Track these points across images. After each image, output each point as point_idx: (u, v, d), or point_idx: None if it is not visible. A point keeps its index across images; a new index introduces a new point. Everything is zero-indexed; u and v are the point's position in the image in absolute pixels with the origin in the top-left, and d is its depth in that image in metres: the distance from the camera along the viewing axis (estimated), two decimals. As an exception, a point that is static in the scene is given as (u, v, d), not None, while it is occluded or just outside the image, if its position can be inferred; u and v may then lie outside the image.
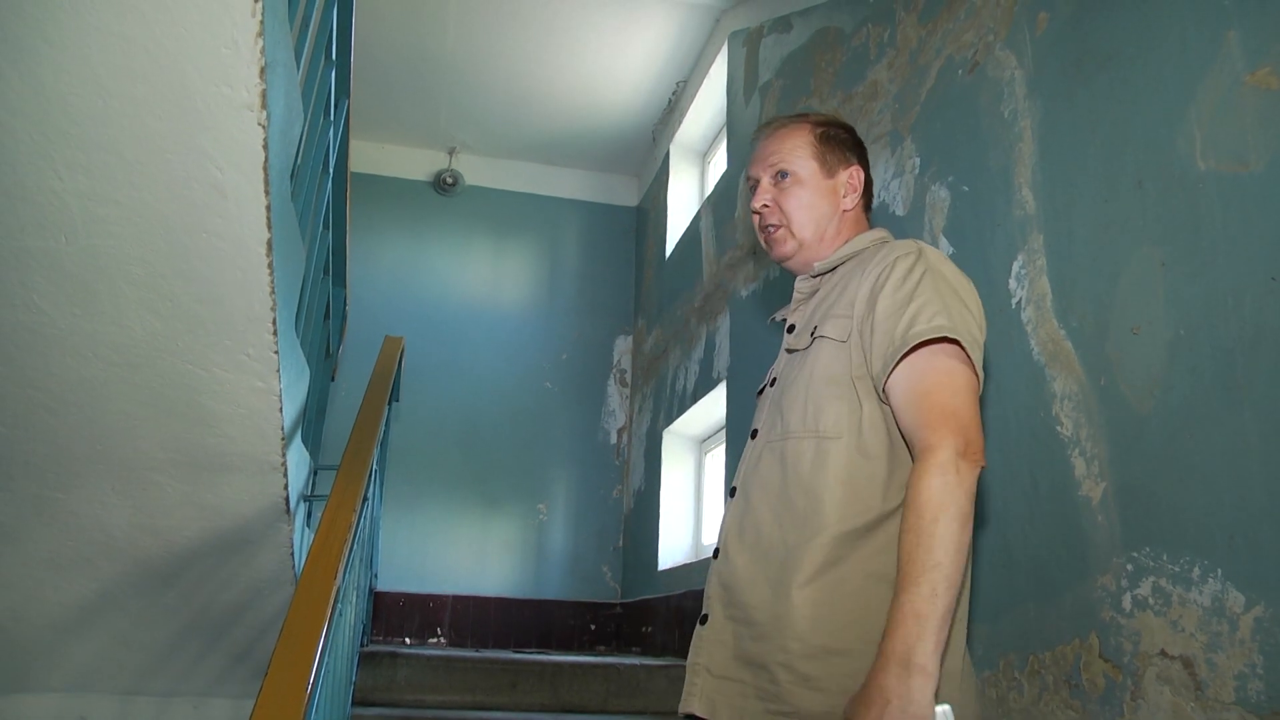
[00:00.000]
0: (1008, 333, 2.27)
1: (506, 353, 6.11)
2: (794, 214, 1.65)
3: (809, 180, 1.66)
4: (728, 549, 1.54)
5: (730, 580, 1.50)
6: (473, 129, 6.18)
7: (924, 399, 1.37)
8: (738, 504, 1.57)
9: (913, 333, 1.39)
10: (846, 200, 1.68)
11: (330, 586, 1.83)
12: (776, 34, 4.30)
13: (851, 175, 1.69)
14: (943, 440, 1.31)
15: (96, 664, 3.41)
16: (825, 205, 1.66)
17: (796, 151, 1.68)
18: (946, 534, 1.26)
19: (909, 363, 1.40)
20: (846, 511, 1.41)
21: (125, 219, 1.90)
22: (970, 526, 1.30)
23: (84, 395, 2.30)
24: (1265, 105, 1.65)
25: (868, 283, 1.50)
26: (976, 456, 1.33)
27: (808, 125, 1.71)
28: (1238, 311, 1.65)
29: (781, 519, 1.46)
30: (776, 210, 1.67)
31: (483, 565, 5.70)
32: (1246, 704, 1.55)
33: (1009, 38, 2.42)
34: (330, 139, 2.93)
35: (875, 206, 3.01)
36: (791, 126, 1.71)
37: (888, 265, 1.49)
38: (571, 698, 3.37)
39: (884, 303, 1.45)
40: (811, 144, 1.69)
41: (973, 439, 1.33)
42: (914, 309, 1.41)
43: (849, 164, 1.70)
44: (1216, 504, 1.65)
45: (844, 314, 1.51)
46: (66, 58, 1.62)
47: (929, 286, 1.44)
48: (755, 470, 1.56)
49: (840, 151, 1.70)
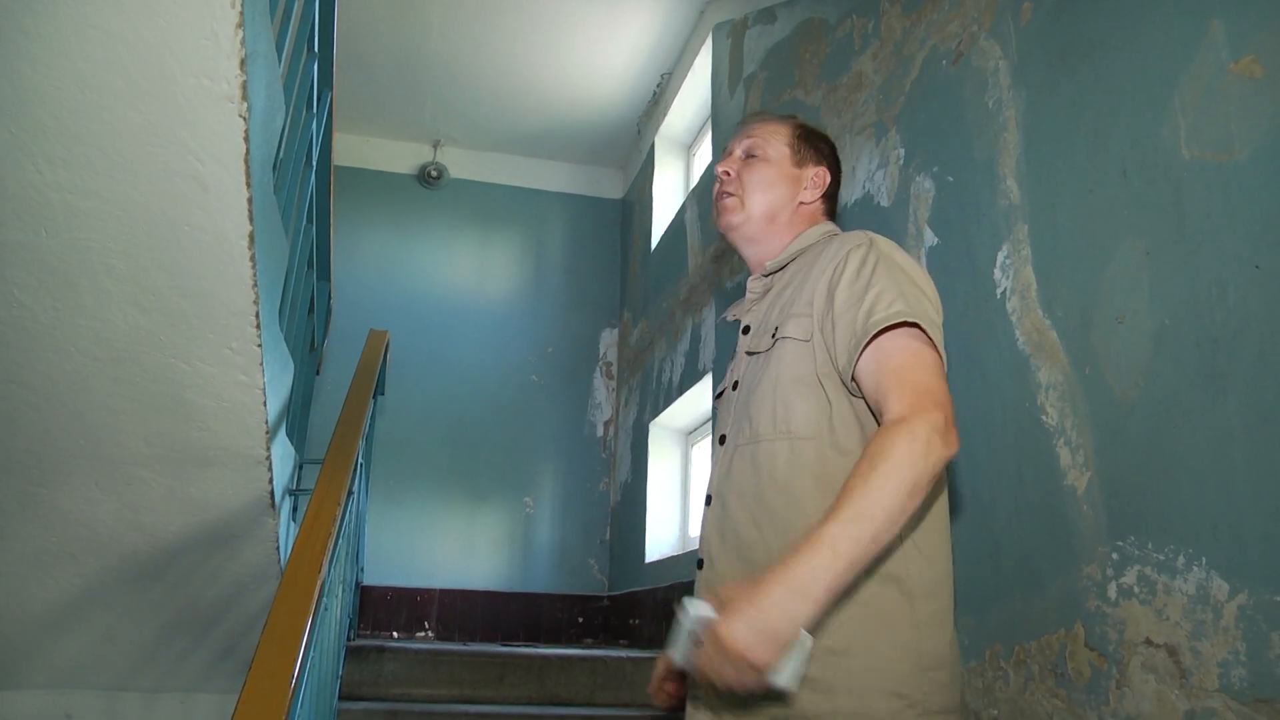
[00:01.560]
0: (992, 323, 2.27)
1: (492, 346, 6.10)
2: (750, 187, 1.69)
3: (776, 162, 1.70)
4: (713, 558, 1.53)
5: (722, 593, 1.48)
6: (457, 122, 6.16)
7: (895, 375, 1.36)
8: (715, 512, 1.56)
9: (872, 321, 1.40)
10: (806, 194, 1.70)
11: (315, 580, 1.82)
12: (761, 26, 4.29)
13: (818, 174, 1.72)
14: (917, 413, 1.30)
15: (82, 660, 3.39)
16: (784, 189, 1.69)
17: (772, 137, 1.72)
18: (891, 495, 1.24)
19: (873, 348, 1.40)
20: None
21: (106, 212, 1.89)
22: (916, 502, 1.27)
23: (66, 390, 2.28)
24: (1249, 94, 1.66)
25: (824, 278, 1.50)
26: (950, 438, 1.31)
27: (791, 123, 1.76)
28: (1222, 301, 1.66)
29: (760, 523, 1.46)
30: (737, 181, 1.70)
31: (470, 559, 5.70)
32: (1230, 691, 1.55)
33: (993, 28, 2.42)
34: (313, 131, 2.92)
35: (860, 199, 3.01)
36: (777, 120, 1.76)
37: (840, 259, 1.50)
38: (559, 690, 3.37)
39: (841, 295, 1.46)
40: (789, 135, 1.73)
41: (949, 416, 1.32)
42: (871, 298, 1.42)
43: (819, 163, 1.73)
44: (1201, 493, 1.66)
45: (804, 312, 1.51)
46: (44, 50, 1.61)
47: (883, 274, 1.45)
48: (729, 476, 1.55)
49: (814, 152, 1.74)
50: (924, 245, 2.61)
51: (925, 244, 2.61)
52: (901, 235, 2.72)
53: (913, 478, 1.26)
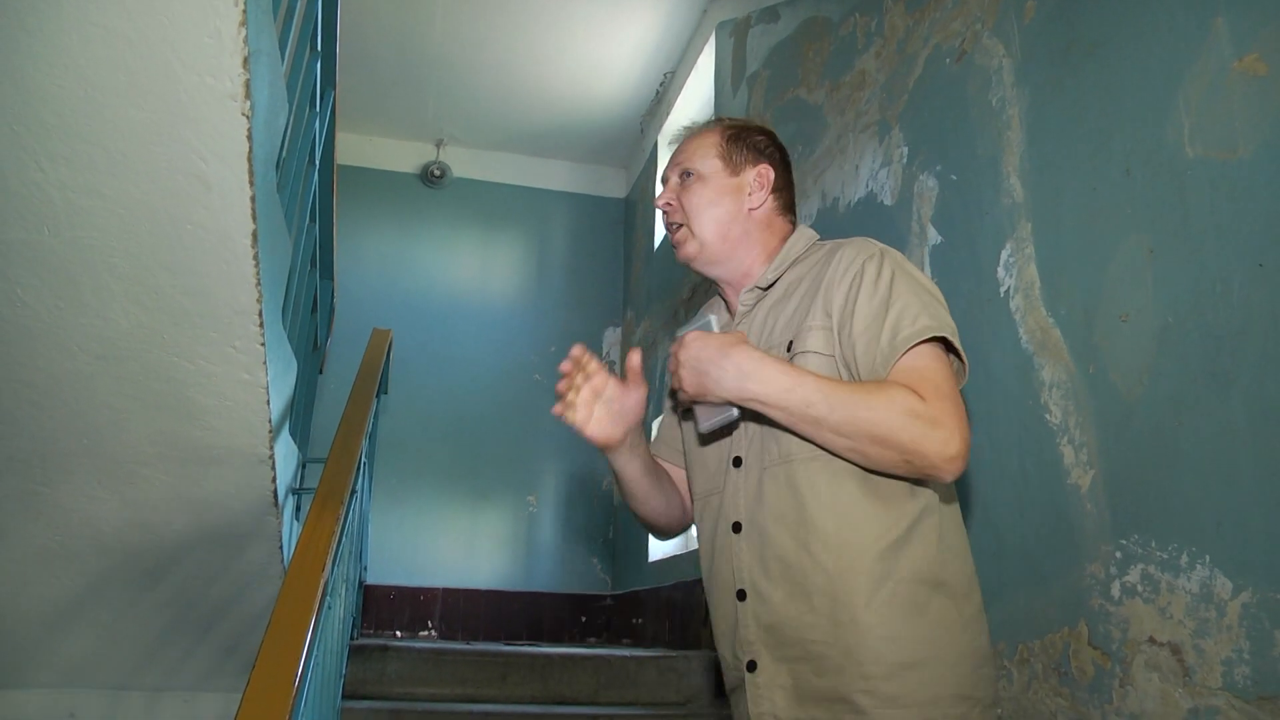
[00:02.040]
0: (996, 321, 2.27)
1: (495, 345, 6.10)
2: (693, 212, 1.61)
3: (710, 177, 1.62)
4: (758, 589, 1.47)
5: (774, 621, 1.44)
6: (460, 121, 6.16)
7: (937, 390, 1.36)
8: (750, 538, 1.49)
9: (900, 339, 1.38)
10: (752, 199, 1.62)
11: (318, 579, 1.82)
12: (764, 24, 4.29)
13: (759, 174, 1.64)
14: (955, 431, 1.32)
15: (86, 659, 3.39)
16: (728, 203, 1.61)
17: (700, 151, 1.65)
18: (864, 420, 1.33)
19: (902, 367, 1.39)
20: (882, 524, 1.40)
21: (109, 211, 1.89)
22: (866, 448, 1.34)
23: (69, 389, 2.28)
24: (1253, 91, 1.65)
25: (839, 290, 1.47)
26: (955, 467, 1.34)
27: (718, 128, 1.68)
28: (1226, 298, 1.65)
29: (810, 547, 1.42)
30: (679, 209, 1.63)
31: (473, 558, 5.70)
32: (1234, 689, 1.55)
33: (996, 26, 2.42)
34: (316, 130, 2.92)
35: (863, 197, 3.01)
36: (704, 130, 1.69)
37: (856, 271, 1.47)
38: (562, 689, 3.36)
39: (862, 310, 1.43)
40: (717, 144, 1.65)
41: (965, 451, 1.34)
42: (895, 314, 1.40)
43: (756, 162, 1.65)
44: (1205, 491, 1.66)
45: (821, 325, 1.48)
46: (47, 48, 1.61)
47: (903, 287, 1.43)
48: (760, 500, 1.48)
49: (748, 151, 1.65)
50: (927, 244, 2.61)
51: (929, 242, 2.60)
52: (905, 234, 2.72)
53: (890, 434, 1.31)
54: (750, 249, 1.63)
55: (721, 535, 1.55)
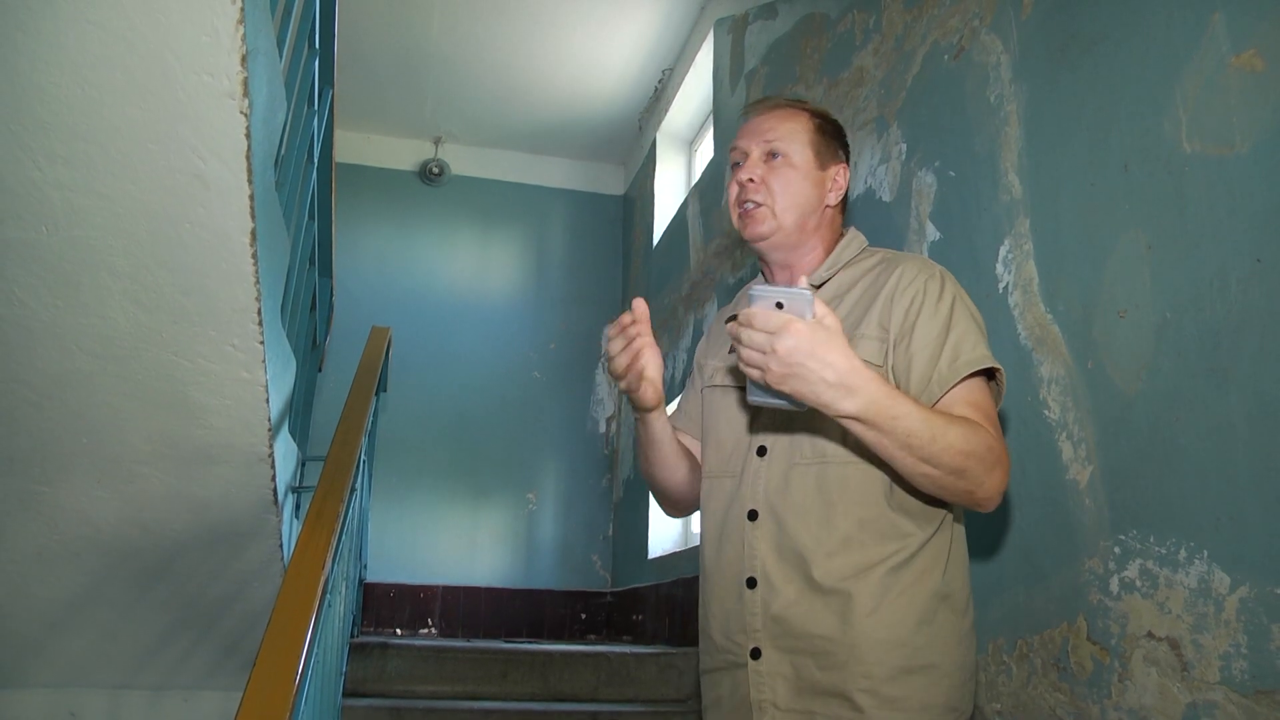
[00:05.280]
0: (995, 317, 2.27)
1: (494, 343, 6.10)
2: (781, 195, 1.59)
3: (802, 166, 1.60)
4: (770, 579, 1.47)
5: (783, 613, 1.45)
6: (458, 119, 6.15)
7: (995, 428, 1.42)
8: (766, 528, 1.50)
9: (960, 363, 1.43)
10: (831, 196, 1.64)
11: (318, 577, 1.82)
12: (762, 21, 4.28)
13: (839, 173, 1.65)
14: (1005, 468, 1.40)
15: (85, 658, 3.39)
16: (814, 195, 1.61)
17: (794, 136, 1.62)
18: (950, 450, 1.31)
19: (959, 397, 1.43)
20: (902, 535, 1.43)
21: (107, 210, 1.88)
22: (941, 477, 1.34)
23: (68, 388, 2.28)
24: (1251, 87, 1.65)
25: (899, 305, 1.49)
26: (999, 503, 1.41)
27: (806, 113, 1.66)
28: (1224, 294, 1.65)
29: (828, 546, 1.44)
30: (763, 187, 1.59)
31: (473, 555, 5.70)
32: (1231, 684, 1.55)
33: (994, 22, 2.42)
34: (314, 128, 2.91)
35: (861, 194, 3.01)
36: (789, 110, 1.65)
37: (919, 289, 1.49)
38: (562, 686, 3.37)
39: (922, 328, 1.46)
40: (809, 131, 1.63)
41: (1001, 494, 1.41)
42: (956, 338, 1.44)
43: (839, 161, 1.66)
44: (1203, 486, 1.66)
45: (875, 335, 1.49)
46: (43, 46, 1.61)
47: (962, 314, 1.48)
48: (785, 493, 1.49)
49: (833, 147, 1.66)
50: (926, 240, 2.61)
51: (927, 239, 2.60)
52: (903, 230, 2.72)
53: (970, 470, 1.33)
54: (817, 242, 1.65)
55: (733, 520, 1.55)
